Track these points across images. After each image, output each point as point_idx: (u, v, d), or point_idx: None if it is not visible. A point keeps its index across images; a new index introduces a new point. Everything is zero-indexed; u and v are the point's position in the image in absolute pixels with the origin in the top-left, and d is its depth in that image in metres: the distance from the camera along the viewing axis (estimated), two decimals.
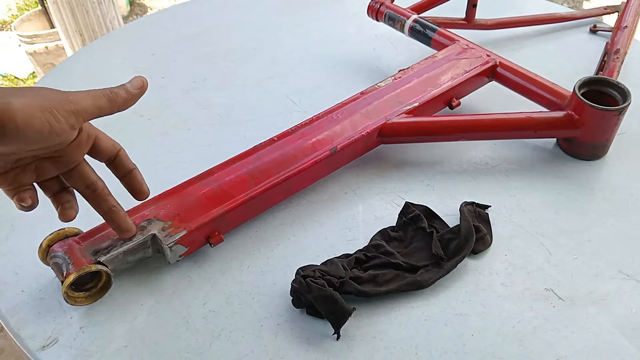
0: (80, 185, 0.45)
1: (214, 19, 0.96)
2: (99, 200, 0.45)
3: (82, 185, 0.45)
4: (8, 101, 0.35)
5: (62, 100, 0.38)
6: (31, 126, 0.36)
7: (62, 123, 0.38)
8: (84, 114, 0.40)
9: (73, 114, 0.39)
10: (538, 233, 0.54)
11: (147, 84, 0.45)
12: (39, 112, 0.37)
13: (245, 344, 0.45)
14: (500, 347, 0.45)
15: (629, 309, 0.47)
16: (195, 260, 0.52)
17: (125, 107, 0.44)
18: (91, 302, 0.48)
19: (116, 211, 0.46)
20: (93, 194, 0.45)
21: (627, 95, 0.59)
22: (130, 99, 0.44)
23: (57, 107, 0.38)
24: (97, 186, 0.45)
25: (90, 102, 0.40)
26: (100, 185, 0.45)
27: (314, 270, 0.47)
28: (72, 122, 0.39)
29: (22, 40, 2.05)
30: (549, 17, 0.89)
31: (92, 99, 0.41)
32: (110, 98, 0.42)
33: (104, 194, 0.45)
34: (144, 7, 2.76)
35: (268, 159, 0.56)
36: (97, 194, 0.45)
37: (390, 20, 0.80)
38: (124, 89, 0.43)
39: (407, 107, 0.62)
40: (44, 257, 0.48)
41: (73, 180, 0.44)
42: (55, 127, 0.38)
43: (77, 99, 0.39)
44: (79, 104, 0.39)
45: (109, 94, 0.42)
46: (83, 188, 0.45)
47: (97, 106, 0.41)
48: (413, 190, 0.60)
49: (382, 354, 0.44)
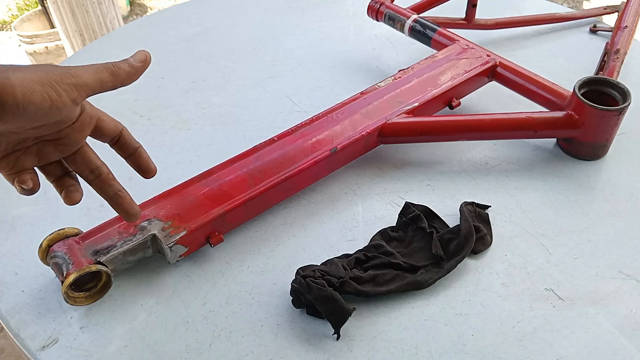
0: (84, 170, 0.44)
1: (214, 19, 0.96)
2: (104, 185, 0.44)
3: (85, 170, 0.44)
4: (7, 76, 0.34)
5: (63, 73, 0.37)
6: (31, 101, 0.35)
7: (63, 97, 0.37)
8: (85, 87, 0.39)
9: (74, 87, 0.38)
10: (538, 233, 0.54)
11: (150, 58, 0.44)
12: (39, 86, 0.36)
13: (245, 344, 0.45)
14: (500, 347, 0.45)
15: (629, 309, 0.47)
16: (195, 261, 0.52)
17: (128, 82, 0.43)
18: (91, 302, 0.48)
19: (122, 196, 0.45)
20: (97, 179, 0.44)
21: (627, 95, 0.59)
22: (133, 73, 0.43)
23: (57, 80, 0.37)
24: (101, 171, 0.44)
25: (92, 75, 0.39)
26: (105, 170, 0.44)
27: (314, 270, 0.47)
28: (73, 95, 0.38)
29: (22, 40, 2.05)
30: (549, 17, 0.89)
31: (94, 72, 0.40)
32: (113, 71, 0.41)
33: (109, 178, 0.44)
34: (144, 7, 2.76)
35: (268, 159, 0.56)
36: (102, 179, 0.44)
37: (390, 20, 0.80)
38: (127, 63, 0.42)
39: (407, 107, 0.62)
40: (44, 257, 0.48)
41: (76, 165, 0.43)
42: (57, 101, 0.37)
43: (78, 73, 0.38)
44: (80, 77, 0.38)
45: (111, 68, 0.41)
46: (87, 173, 0.44)
47: (99, 80, 0.40)
48: (413, 190, 0.60)
49: (382, 354, 0.44)
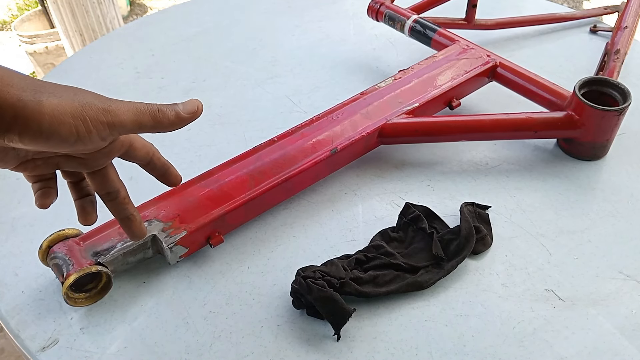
0: (101, 190, 0.42)
1: (214, 19, 0.96)
2: (118, 207, 0.43)
3: (103, 190, 0.42)
4: (40, 99, 0.32)
5: (100, 109, 0.35)
6: (57, 132, 0.33)
7: (92, 134, 0.35)
8: (120, 128, 0.36)
9: (108, 126, 0.35)
10: (538, 233, 0.54)
11: (202, 110, 0.41)
12: (70, 118, 0.33)
13: (246, 345, 0.45)
14: (500, 348, 0.45)
15: (629, 309, 0.47)
16: (195, 261, 0.52)
17: (170, 130, 0.39)
18: (91, 303, 0.48)
19: (133, 219, 0.43)
20: (112, 201, 0.42)
21: (627, 96, 0.59)
22: (177, 123, 0.39)
23: (92, 116, 0.34)
24: (118, 194, 0.42)
25: (132, 117, 0.36)
26: (122, 193, 0.42)
27: (314, 271, 0.47)
28: (104, 134, 0.35)
29: (22, 40, 2.05)
30: (549, 17, 0.89)
31: (135, 114, 0.37)
32: (156, 117, 0.38)
33: (124, 202, 0.43)
34: (144, 7, 2.76)
35: (268, 160, 0.56)
36: (117, 202, 0.43)
37: (390, 21, 0.80)
38: (174, 111, 0.39)
39: (407, 107, 0.62)
40: (44, 258, 0.48)
41: (95, 183, 0.42)
42: (84, 137, 0.34)
43: (117, 110, 0.35)
44: (118, 117, 0.35)
45: (155, 112, 0.38)
46: (104, 193, 0.42)
47: (138, 123, 0.37)
48: (413, 191, 0.60)
49: (383, 355, 0.44)
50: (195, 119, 0.40)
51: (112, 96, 0.37)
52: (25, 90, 0.32)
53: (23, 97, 0.31)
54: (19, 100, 0.31)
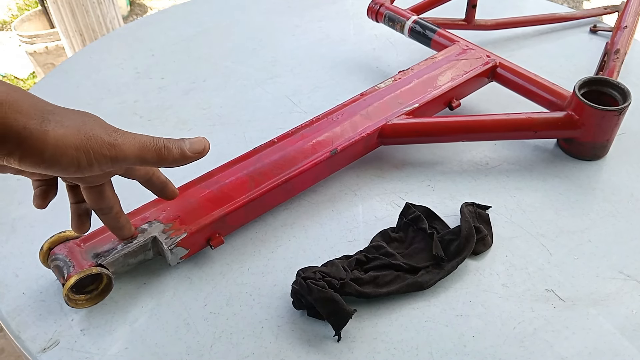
0: (95, 205, 0.42)
1: (214, 19, 0.96)
2: (109, 221, 0.44)
3: (96, 206, 0.42)
4: (46, 129, 0.32)
5: (106, 143, 0.34)
6: (58, 162, 0.33)
7: (93, 167, 0.35)
8: (123, 162, 0.36)
9: (111, 160, 0.35)
10: (538, 234, 0.54)
11: (209, 148, 0.41)
12: (73, 150, 0.33)
13: (246, 346, 0.45)
14: (501, 348, 0.45)
15: (629, 309, 0.48)
16: (196, 262, 0.52)
17: (172, 167, 0.39)
18: (92, 304, 0.48)
19: (122, 228, 0.44)
20: (105, 216, 0.43)
21: (627, 96, 0.59)
22: (181, 162, 0.39)
23: (95, 149, 0.34)
24: (111, 210, 0.43)
25: (136, 152, 0.36)
26: (116, 209, 0.43)
27: (315, 271, 0.47)
28: (106, 167, 0.35)
29: (22, 40, 2.05)
30: (549, 17, 0.89)
31: (140, 149, 0.36)
32: (160, 155, 0.37)
33: (116, 217, 0.43)
34: (144, 7, 2.76)
35: (268, 161, 0.56)
36: (110, 217, 0.43)
37: (390, 22, 0.80)
38: (180, 149, 0.39)
39: (407, 108, 0.62)
40: (44, 260, 0.48)
41: (90, 198, 0.42)
42: (84, 168, 0.34)
43: (122, 146, 0.35)
44: (122, 151, 0.35)
45: (160, 150, 0.37)
46: (97, 208, 0.42)
47: (141, 158, 0.37)
48: (413, 191, 0.60)
49: (383, 355, 0.44)
50: (200, 158, 0.41)
51: (112, 96, 0.37)
52: (33, 118, 0.32)
53: (30, 125, 0.31)
54: (25, 128, 0.31)
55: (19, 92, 0.32)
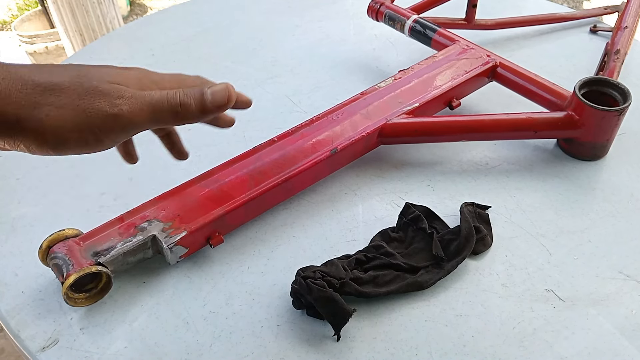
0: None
1: (214, 19, 0.96)
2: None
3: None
4: (39, 117, 0.29)
5: (108, 116, 0.31)
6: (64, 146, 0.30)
7: (104, 143, 0.32)
8: (134, 128, 0.32)
9: (121, 132, 0.32)
10: (538, 234, 0.54)
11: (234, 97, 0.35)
12: (75, 133, 0.30)
13: (246, 345, 0.45)
14: (500, 348, 0.45)
15: (629, 309, 0.47)
16: (195, 261, 0.52)
17: (193, 122, 0.34)
18: (91, 303, 0.48)
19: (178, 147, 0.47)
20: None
21: (627, 96, 0.59)
22: (202, 117, 0.34)
23: (99, 125, 0.30)
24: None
25: (148, 116, 0.32)
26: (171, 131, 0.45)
27: (314, 271, 0.47)
28: (119, 139, 0.32)
29: (22, 40, 2.05)
30: (549, 17, 0.89)
31: (152, 112, 0.32)
32: (177, 114, 0.33)
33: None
34: (144, 7, 2.76)
35: (268, 160, 0.56)
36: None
37: (390, 21, 0.80)
38: (200, 103, 0.33)
39: (407, 107, 0.62)
40: (44, 258, 0.48)
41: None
42: (95, 146, 0.31)
43: (129, 115, 0.31)
44: (130, 122, 0.31)
45: (176, 107, 0.33)
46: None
47: (155, 119, 0.32)
48: (413, 191, 0.60)
49: (383, 355, 0.44)
50: (225, 110, 0.34)
51: None
52: (23, 107, 0.29)
53: (21, 114, 0.29)
54: (18, 119, 0.29)
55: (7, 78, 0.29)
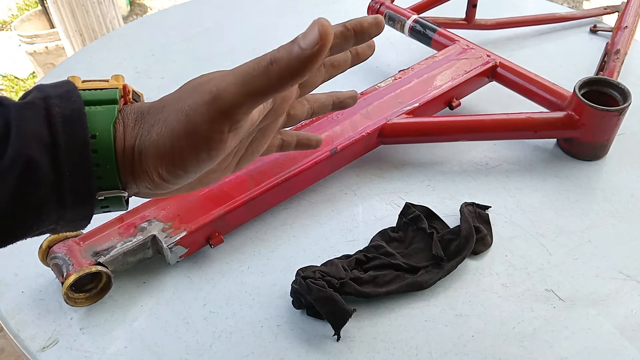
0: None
1: (214, 19, 0.96)
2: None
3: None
4: (152, 136, 0.29)
5: (205, 104, 0.28)
6: (182, 158, 0.29)
7: (212, 140, 0.29)
8: (235, 111, 0.28)
9: (221, 116, 0.28)
10: (538, 234, 0.54)
11: (332, 33, 0.28)
12: (183, 139, 0.28)
13: (246, 345, 0.45)
14: (500, 348, 0.45)
15: (629, 309, 0.47)
16: (195, 261, 0.52)
17: (294, 84, 0.28)
18: (91, 303, 0.48)
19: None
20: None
21: (627, 96, 0.59)
22: (300, 69, 0.27)
23: (200, 120, 0.28)
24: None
25: (241, 88, 0.28)
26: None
27: (314, 271, 0.47)
28: (222, 128, 0.28)
29: (22, 40, 2.05)
30: (549, 17, 0.89)
31: (243, 81, 0.28)
32: (268, 72, 0.27)
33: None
34: (144, 7, 2.76)
35: (268, 160, 0.56)
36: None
37: (390, 21, 0.80)
38: (290, 50, 0.27)
39: (407, 107, 0.62)
40: (44, 258, 0.48)
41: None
42: (204, 148, 0.29)
43: (222, 91, 0.28)
44: (224, 99, 0.28)
45: (268, 66, 0.27)
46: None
47: (249, 91, 0.27)
48: (413, 191, 0.60)
49: (383, 355, 0.44)
50: (327, 48, 0.27)
51: None
52: (141, 136, 0.30)
53: (140, 144, 0.29)
54: (139, 149, 0.29)
55: (123, 111, 0.31)
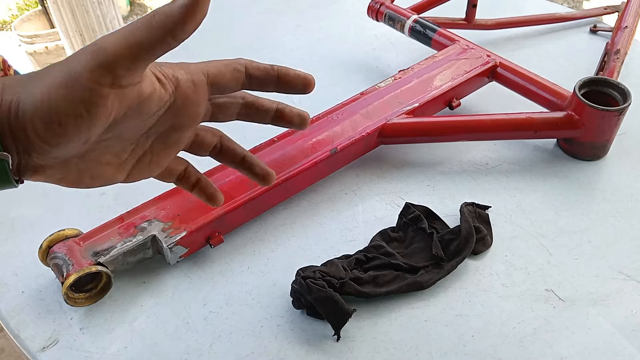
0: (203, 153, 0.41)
1: (214, 19, 0.95)
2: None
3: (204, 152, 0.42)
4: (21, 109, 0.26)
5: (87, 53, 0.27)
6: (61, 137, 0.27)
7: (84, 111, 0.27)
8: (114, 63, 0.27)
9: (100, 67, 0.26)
10: (538, 234, 0.54)
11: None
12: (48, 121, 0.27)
13: (246, 345, 0.45)
14: (500, 348, 0.45)
15: (629, 309, 0.47)
16: (195, 261, 0.52)
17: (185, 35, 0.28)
18: (91, 303, 0.48)
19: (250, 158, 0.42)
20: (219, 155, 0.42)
21: (627, 96, 0.59)
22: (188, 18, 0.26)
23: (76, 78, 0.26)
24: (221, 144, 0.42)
25: (122, 42, 0.27)
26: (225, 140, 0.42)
27: (314, 271, 0.47)
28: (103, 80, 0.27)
29: (22, 40, 2.05)
30: (549, 17, 0.89)
31: (125, 37, 0.27)
32: (150, 25, 0.27)
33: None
34: (144, 7, 2.76)
35: (268, 160, 0.56)
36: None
37: (390, 21, 0.80)
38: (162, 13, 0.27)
39: (407, 107, 0.62)
40: (44, 258, 0.48)
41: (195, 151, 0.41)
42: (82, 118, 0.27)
43: (103, 44, 0.27)
44: (104, 51, 0.27)
45: (150, 18, 0.27)
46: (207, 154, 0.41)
47: (132, 45, 0.27)
48: (413, 191, 0.60)
49: (383, 355, 0.44)
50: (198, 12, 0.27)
51: None
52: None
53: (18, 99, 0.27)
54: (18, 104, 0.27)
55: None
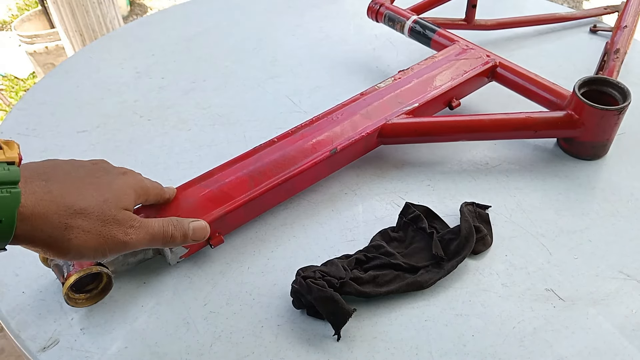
0: None
1: (214, 19, 0.96)
2: None
3: None
4: (69, 237, 0.36)
5: (120, 243, 0.39)
6: (79, 258, 0.39)
7: (107, 257, 0.41)
8: (133, 249, 0.42)
9: (124, 251, 0.41)
10: (538, 233, 0.55)
11: (208, 234, 0.47)
12: (92, 252, 0.38)
13: (246, 345, 0.45)
14: (500, 348, 0.45)
15: (629, 309, 0.48)
16: (195, 262, 0.52)
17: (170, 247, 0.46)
18: (92, 303, 0.48)
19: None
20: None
21: (627, 95, 0.59)
22: (181, 245, 0.46)
23: (111, 248, 0.39)
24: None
25: (145, 243, 0.41)
26: None
27: (315, 271, 0.47)
28: (118, 254, 0.44)
29: (22, 40, 2.05)
30: (549, 17, 0.89)
31: (149, 241, 0.42)
32: (166, 242, 0.43)
33: None
34: (144, 7, 2.76)
35: (268, 160, 0.56)
36: None
37: (390, 21, 0.80)
38: (183, 237, 0.44)
39: (407, 107, 0.62)
40: (44, 259, 0.48)
41: None
42: (101, 259, 0.43)
43: (134, 242, 0.40)
44: (133, 246, 0.41)
45: (167, 240, 0.43)
46: None
47: (150, 244, 0.42)
48: (413, 191, 0.60)
49: (383, 355, 0.44)
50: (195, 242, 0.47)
51: (113, 96, 0.37)
52: (57, 228, 0.36)
53: (54, 234, 0.36)
54: (50, 237, 0.36)
55: (45, 200, 0.36)
